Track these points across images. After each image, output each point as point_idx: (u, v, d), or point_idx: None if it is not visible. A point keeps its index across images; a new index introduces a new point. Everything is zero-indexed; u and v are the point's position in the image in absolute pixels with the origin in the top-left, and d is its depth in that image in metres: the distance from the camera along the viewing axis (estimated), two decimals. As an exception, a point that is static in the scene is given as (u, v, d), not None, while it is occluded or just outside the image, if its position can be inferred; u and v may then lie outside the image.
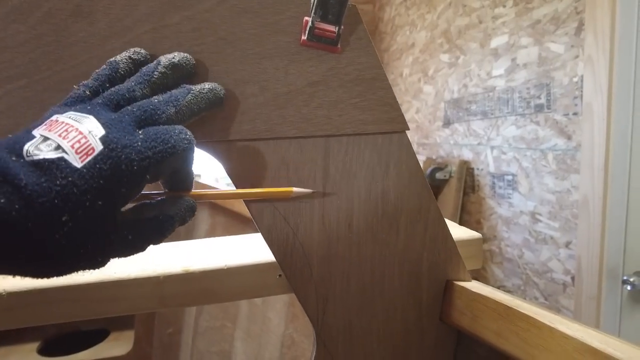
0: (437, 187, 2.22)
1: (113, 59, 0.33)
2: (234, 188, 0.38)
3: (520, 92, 1.89)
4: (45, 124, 0.28)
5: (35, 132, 0.27)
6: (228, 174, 0.38)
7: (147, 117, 0.31)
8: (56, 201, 0.25)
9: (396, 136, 0.40)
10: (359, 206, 0.41)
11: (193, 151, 0.32)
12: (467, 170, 2.20)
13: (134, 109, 0.31)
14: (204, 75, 0.35)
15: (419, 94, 2.73)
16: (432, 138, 2.53)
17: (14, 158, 0.25)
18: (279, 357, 0.82)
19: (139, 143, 0.29)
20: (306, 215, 0.39)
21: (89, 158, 0.26)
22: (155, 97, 0.32)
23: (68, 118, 0.28)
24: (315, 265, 0.40)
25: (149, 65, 0.33)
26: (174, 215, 0.32)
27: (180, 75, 0.34)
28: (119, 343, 1.37)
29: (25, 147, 0.26)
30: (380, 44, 3.35)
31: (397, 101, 0.40)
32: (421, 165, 2.42)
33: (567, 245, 1.71)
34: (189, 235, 1.32)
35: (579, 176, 1.60)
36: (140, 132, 0.30)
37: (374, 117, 0.39)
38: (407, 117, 2.82)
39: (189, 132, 0.31)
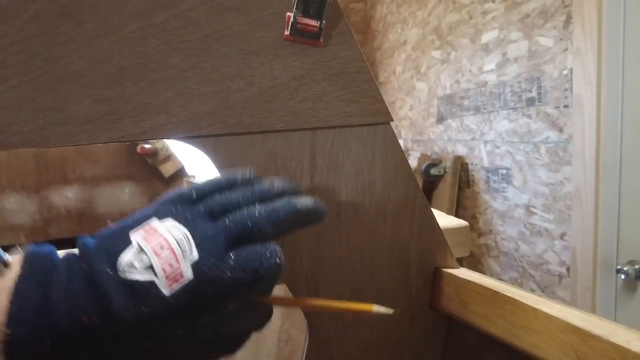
0: (432, 183, 2.24)
1: (232, 175, 0.33)
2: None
3: (512, 86, 1.91)
4: (144, 229, 0.28)
5: (133, 238, 0.28)
6: (217, 169, 0.38)
7: (244, 235, 0.30)
8: (139, 327, 0.26)
9: (381, 127, 0.42)
10: (347, 196, 0.42)
11: (280, 274, 0.30)
12: (461, 166, 2.22)
13: (231, 225, 0.30)
14: (191, 71, 0.36)
15: (412, 91, 2.74)
16: (426, 134, 2.55)
17: (109, 270, 0.26)
18: (277, 352, 0.83)
19: (228, 274, 0.28)
20: None
21: (178, 287, 0.26)
22: (257, 207, 0.31)
23: (166, 230, 0.28)
24: (305, 255, 0.41)
25: (262, 187, 0.33)
26: (251, 329, 0.32)
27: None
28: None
29: (121, 259, 0.27)
30: (373, 42, 3.37)
31: (380, 93, 0.41)
32: (416, 161, 2.43)
33: (562, 236, 1.73)
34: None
35: (571, 168, 1.62)
36: (232, 256, 0.29)
37: (359, 109, 0.40)
38: (400, 114, 2.83)
39: (280, 255, 0.30)
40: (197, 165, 2.98)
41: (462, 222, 0.49)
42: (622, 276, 1.48)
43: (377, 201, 0.43)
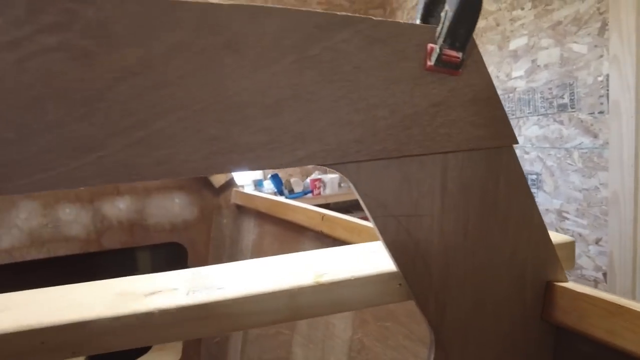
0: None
1: None
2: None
3: (542, 92, 1.92)
4: None
5: None
6: (357, 192, 0.40)
7: None
8: None
9: (505, 149, 0.43)
10: (474, 216, 0.43)
11: None
12: (490, 171, 2.22)
13: None
14: (341, 101, 0.38)
15: (436, 97, 2.75)
16: (452, 140, 2.55)
17: None
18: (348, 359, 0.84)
19: None
20: (427, 227, 0.42)
21: None
22: None
23: None
24: (434, 273, 0.43)
25: None
26: None
27: None
28: (166, 353, 1.39)
29: None
30: (392, 48, 3.39)
31: (507, 117, 0.43)
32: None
33: (597, 242, 1.73)
34: (234, 246, 1.35)
35: (607, 173, 1.63)
36: None
37: (489, 132, 0.42)
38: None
39: None
40: (245, 175, 2.99)
41: (568, 238, 0.51)
42: (664, 281, 1.49)
43: (500, 220, 0.44)
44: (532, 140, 2.01)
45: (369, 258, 0.50)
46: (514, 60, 2.07)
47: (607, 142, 1.61)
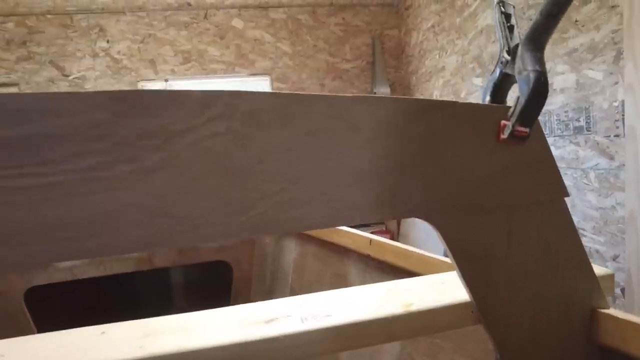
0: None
1: None
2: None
3: (558, 115, 2.02)
4: None
5: None
6: (441, 236, 0.50)
7: None
8: None
9: (557, 201, 0.53)
10: (532, 256, 0.53)
11: None
12: (507, 189, 2.30)
13: None
14: (437, 166, 0.48)
15: (453, 116, 2.85)
16: (469, 157, 2.65)
17: None
18: (396, 374, 0.93)
19: None
20: (496, 265, 0.51)
21: None
22: None
23: None
24: (500, 303, 0.52)
25: None
26: None
27: None
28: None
29: None
30: (408, 66, 3.50)
31: (560, 174, 0.52)
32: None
33: (615, 258, 1.81)
34: (276, 264, 1.45)
35: (623, 194, 1.71)
36: None
37: (545, 188, 0.51)
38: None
39: None
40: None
41: (608, 271, 0.60)
42: (680, 298, 1.56)
43: (552, 259, 0.54)
44: (549, 159, 2.10)
45: (442, 289, 0.59)
46: (530, 83, 2.17)
47: (624, 164, 1.70)
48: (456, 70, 2.83)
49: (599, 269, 0.60)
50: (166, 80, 3.24)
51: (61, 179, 0.37)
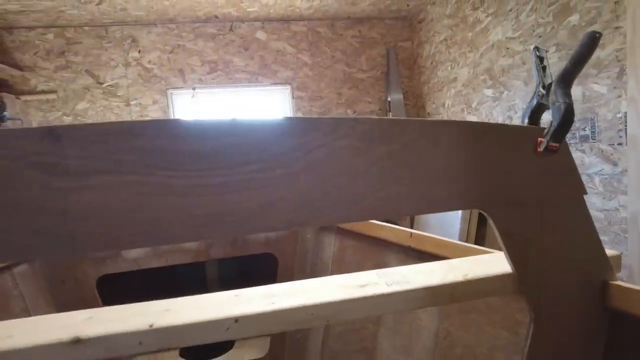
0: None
1: None
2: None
3: (566, 124, 2.19)
4: None
5: None
6: (494, 224, 0.68)
7: None
8: None
9: (578, 198, 0.71)
10: (558, 240, 0.70)
11: None
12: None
13: None
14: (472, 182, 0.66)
15: (465, 124, 3.02)
16: (480, 163, 2.82)
17: None
18: (434, 344, 1.11)
19: None
20: (532, 245, 0.69)
21: None
22: None
23: None
24: (535, 273, 0.70)
25: None
26: None
27: None
28: (254, 348, 1.65)
29: None
30: (420, 76, 3.69)
31: (580, 176, 0.70)
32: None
33: (617, 256, 1.98)
34: (316, 257, 1.62)
35: (626, 197, 1.89)
36: None
37: (568, 188, 0.69)
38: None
39: None
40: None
41: (616, 252, 0.78)
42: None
43: (574, 241, 0.72)
44: (557, 165, 2.27)
45: (486, 265, 0.77)
46: (539, 95, 2.35)
47: (626, 169, 1.88)
48: (468, 81, 3.01)
49: (609, 251, 0.78)
50: (194, 89, 3.43)
51: (237, 178, 0.55)
